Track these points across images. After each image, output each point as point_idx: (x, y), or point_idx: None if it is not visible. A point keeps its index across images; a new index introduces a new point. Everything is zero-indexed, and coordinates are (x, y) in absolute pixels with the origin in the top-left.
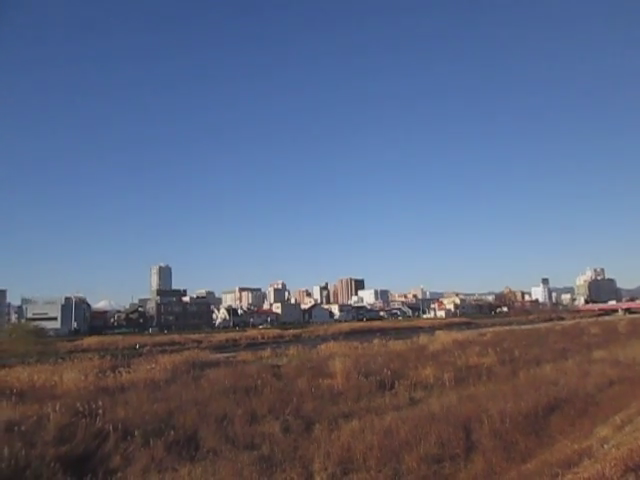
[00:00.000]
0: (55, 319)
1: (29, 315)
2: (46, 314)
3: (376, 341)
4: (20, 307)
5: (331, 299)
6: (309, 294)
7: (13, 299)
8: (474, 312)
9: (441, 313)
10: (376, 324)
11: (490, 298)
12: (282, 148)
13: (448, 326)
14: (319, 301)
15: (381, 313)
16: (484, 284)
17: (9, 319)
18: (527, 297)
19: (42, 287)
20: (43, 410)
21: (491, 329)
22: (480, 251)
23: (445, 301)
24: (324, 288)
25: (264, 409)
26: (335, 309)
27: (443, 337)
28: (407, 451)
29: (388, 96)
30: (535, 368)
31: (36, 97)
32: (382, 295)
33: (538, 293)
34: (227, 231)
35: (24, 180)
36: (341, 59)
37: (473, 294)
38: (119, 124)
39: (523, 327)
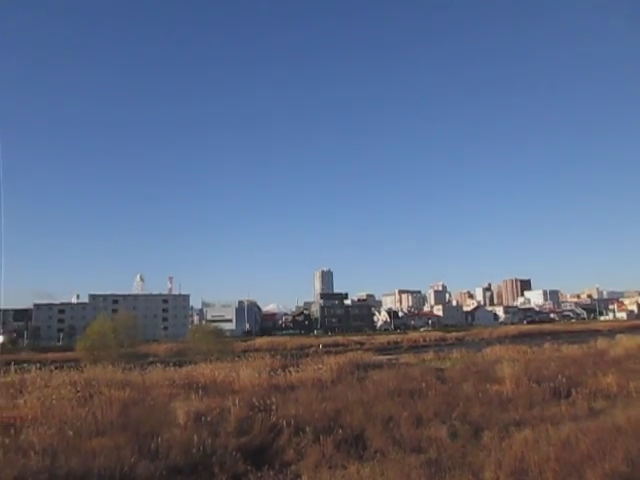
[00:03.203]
0: (230, 321)
1: (208, 317)
2: (223, 316)
3: (547, 345)
4: (201, 310)
5: (495, 300)
6: (471, 295)
7: (195, 303)
8: None
9: (622, 315)
10: (546, 327)
11: None
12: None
13: (631, 329)
14: (482, 303)
15: (551, 315)
16: None
17: (192, 321)
18: None
19: (219, 292)
20: (224, 403)
21: None
22: None
23: (626, 301)
24: (487, 289)
25: (430, 412)
26: (500, 311)
27: (626, 341)
28: (589, 466)
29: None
30: None
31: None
32: (551, 296)
33: None
34: (385, 233)
35: (206, 204)
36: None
37: None
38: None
39: None
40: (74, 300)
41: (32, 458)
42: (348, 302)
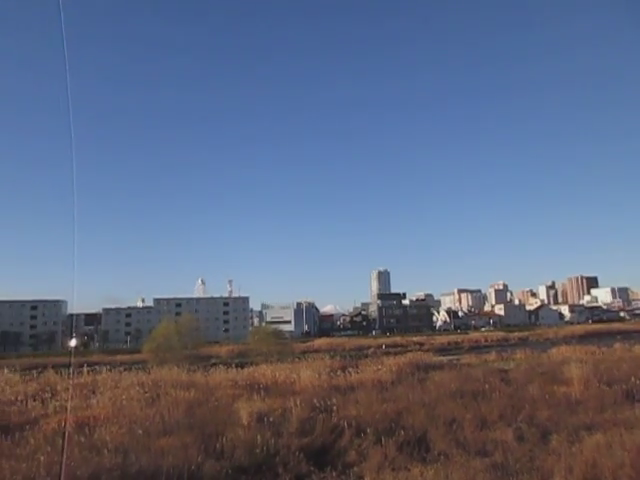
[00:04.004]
0: (289, 322)
1: (268, 319)
2: (281, 318)
3: (617, 345)
4: (260, 312)
5: (559, 299)
6: (534, 294)
7: (254, 305)
8: None
9: None
10: (616, 326)
11: None
12: None
13: None
14: (545, 301)
15: (621, 314)
16: None
17: (252, 322)
18: None
19: (278, 293)
20: (286, 404)
21: None
22: None
23: None
24: (551, 287)
25: (494, 415)
26: (565, 310)
27: None
28: None
29: None
30: None
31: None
32: (620, 293)
33: None
34: (443, 232)
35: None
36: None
37: None
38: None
39: None
40: (139, 304)
41: (105, 456)
42: (406, 302)
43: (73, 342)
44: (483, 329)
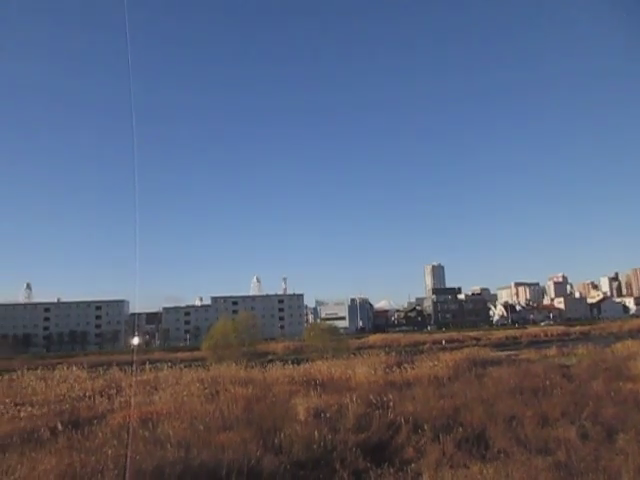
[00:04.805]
0: (343, 318)
1: (322, 315)
2: (336, 314)
3: None
4: (314, 308)
5: (623, 291)
6: (595, 286)
7: (308, 301)
8: None
9: None
10: None
11: None
12: None
13: None
14: (608, 294)
15: None
16: None
17: (307, 319)
18: None
19: (331, 290)
20: (342, 400)
21: None
22: None
23: None
24: (614, 279)
25: (556, 412)
26: (630, 302)
27: None
28: None
29: None
30: None
31: None
32: None
33: None
34: (497, 223)
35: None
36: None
37: None
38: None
39: None
40: (197, 303)
41: (168, 450)
42: (461, 297)
43: (136, 340)
44: (542, 323)
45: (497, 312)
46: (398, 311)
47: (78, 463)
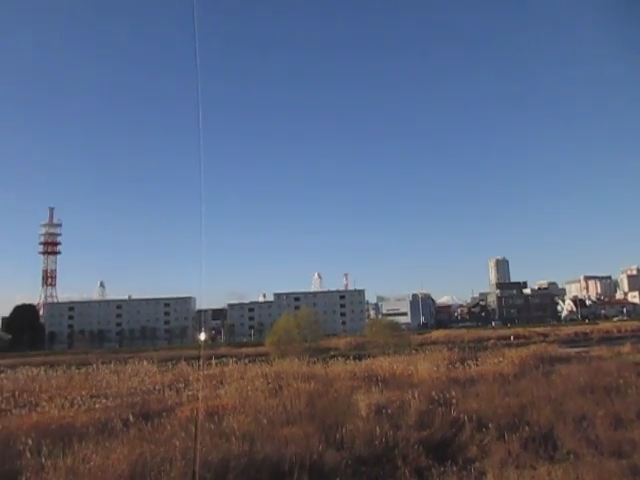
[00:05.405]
0: (405, 314)
1: (384, 311)
2: (397, 309)
3: None
4: (376, 304)
5: None
6: None
7: (370, 297)
8: None
9: None
10: None
11: None
12: None
13: None
14: None
15: None
16: None
17: (368, 315)
18: None
19: (393, 285)
20: (404, 396)
21: None
22: None
23: None
24: None
25: (631, 413)
26: None
27: None
28: None
29: None
30: None
31: None
32: None
33: None
34: (564, 215)
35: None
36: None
37: None
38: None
39: None
40: (261, 299)
41: (234, 443)
42: (527, 291)
43: (202, 336)
44: (615, 319)
45: (565, 307)
46: (461, 306)
47: (148, 453)
